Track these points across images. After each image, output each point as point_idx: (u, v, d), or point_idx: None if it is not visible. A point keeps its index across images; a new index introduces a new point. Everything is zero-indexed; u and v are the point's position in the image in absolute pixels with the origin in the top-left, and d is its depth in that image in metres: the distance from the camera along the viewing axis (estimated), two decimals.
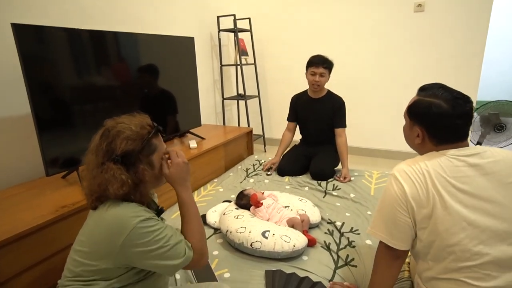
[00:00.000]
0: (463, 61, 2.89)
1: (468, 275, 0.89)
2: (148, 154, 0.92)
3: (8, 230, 1.23)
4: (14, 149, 1.78)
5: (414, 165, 0.98)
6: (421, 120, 1.03)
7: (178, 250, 0.88)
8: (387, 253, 1.04)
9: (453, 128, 0.98)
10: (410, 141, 1.12)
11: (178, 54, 2.41)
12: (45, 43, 1.54)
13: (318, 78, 2.27)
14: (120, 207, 0.87)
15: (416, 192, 0.95)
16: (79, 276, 0.89)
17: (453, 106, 0.96)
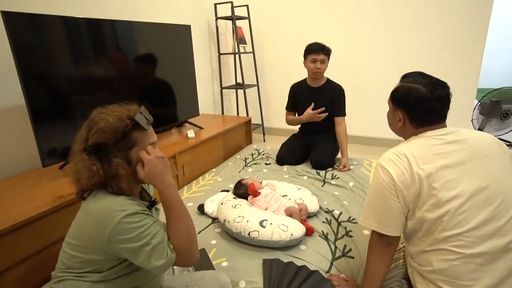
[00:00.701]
0: (464, 48, 2.84)
1: (454, 243, 0.93)
2: (125, 148, 0.88)
3: (4, 221, 1.23)
4: (10, 139, 1.76)
5: (397, 150, 1.05)
6: (402, 104, 1.11)
7: (159, 251, 0.84)
8: (379, 241, 1.08)
9: (430, 111, 1.05)
10: (393, 125, 1.20)
11: (174, 42, 2.37)
12: (38, 32, 1.51)
13: (320, 65, 2.23)
14: (107, 200, 0.85)
15: (402, 174, 1.00)
16: (71, 268, 0.88)
17: (431, 90, 1.04)
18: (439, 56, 2.94)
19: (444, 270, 0.95)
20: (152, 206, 0.99)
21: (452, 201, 0.94)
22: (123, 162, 0.88)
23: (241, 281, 1.21)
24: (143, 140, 0.90)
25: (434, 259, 0.97)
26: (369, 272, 1.13)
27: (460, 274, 0.92)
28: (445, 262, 0.94)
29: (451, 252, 0.93)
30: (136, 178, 0.91)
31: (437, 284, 0.97)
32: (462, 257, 0.92)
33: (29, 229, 1.28)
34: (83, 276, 0.88)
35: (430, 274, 0.99)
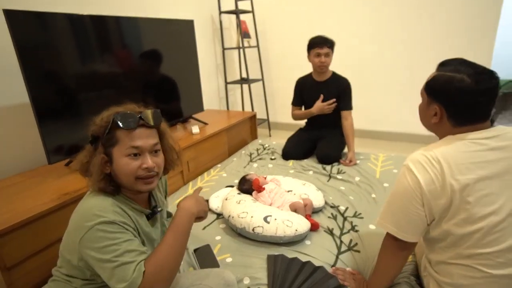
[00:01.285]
0: (474, 36, 2.76)
1: (481, 262, 0.85)
2: (108, 145, 0.86)
3: (12, 217, 1.25)
4: (16, 137, 1.78)
5: (429, 154, 0.91)
6: (441, 96, 0.94)
7: (124, 271, 0.77)
8: (394, 244, 1.00)
9: (475, 106, 0.89)
10: (426, 121, 1.03)
11: (177, 38, 2.36)
12: (40, 29, 1.51)
13: (324, 59, 2.20)
14: (94, 200, 0.84)
15: (432, 183, 0.89)
16: (62, 267, 0.89)
17: (476, 81, 0.86)
18: (447, 46, 2.87)
19: (466, 286, 0.88)
20: (153, 214, 0.98)
21: (486, 218, 0.84)
22: (105, 158, 0.86)
23: (245, 277, 1.21)
24: (124, 140, 0.86)
25: (455, 273, 0.90)
26: (379, 271, 1.10)
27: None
28: (468, 278, 0.88)
29: (476, 270, 0.86)
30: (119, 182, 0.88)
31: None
32: (488, 277, 0.85)
33: (36, 226, 1.30)
34: (68, 280, 0.88)
35: (448, 286, 0.93)
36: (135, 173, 0.86)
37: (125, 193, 0.91)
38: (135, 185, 0.88)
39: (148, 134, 0.89)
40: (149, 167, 0.87)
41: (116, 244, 0.78)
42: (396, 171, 2.05)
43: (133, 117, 0.86)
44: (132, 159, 0.86)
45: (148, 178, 0.88)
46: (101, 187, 0.85)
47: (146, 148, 0.88)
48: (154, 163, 0.89)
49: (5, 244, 1.20)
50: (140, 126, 0.87)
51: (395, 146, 3.17)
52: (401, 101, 3.18)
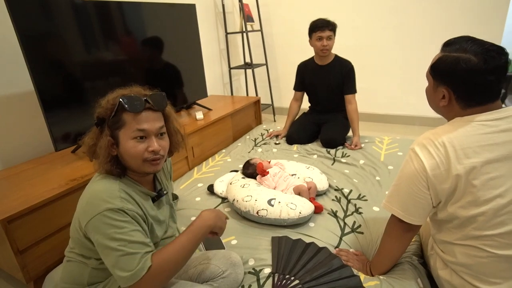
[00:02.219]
0: (483, 15, 2.67)
1: (486, 243, 0.86)
2: (114, 128, 0.87)
3: (22, 203, 1.28)
4: (23, 125, 1.81)
5: (436, 138, 0.90)
6: (447, 78, 0.90)
7: (129, 260, 0.78)
8: (399, 225, 1.01)
9: (484, 86, 0.85)
10: (434, 104, 1.00)
11: (179, 22, 2.33)
12: (42, 16, 1.51)
13: (326, 42, 2.16)
14: (102, 184, 0.85)
15: (437, 167, 0.88)
16: (75, 248, 0.91)
17: (484, 59, 0.83)
18: (456, 26, 2.79)
19: (470, 265, 0.90)
20: (159, 197, 1.00)
21: (492, 201, 0.83)
22: (111, 141, 0.87)
23: (250, 258, 1.23)
24: (131, 123, 0.86)
25: (461, 252, 0.91)
26: (383, 252, 1.11)
27: (488, 271, 0.87)
28: (472, 258, 0.89)
29: (481, 251, 0.87)
30: (126, 164, 0.89)
31: (461, 276, 0.92)
32: (493, 256, 0.86)
33: (46, 211, 1.33)
34: (84, 261, 0.90)
35: (453, 265, 0.95)
36: (142, 156, 0.87)
37: (131, 175, 0.93)
38: (141, 167, 0.89)
39: (154, 117, 0.89)
40: (155, 150, 0.88)
41: (122, 233, 0.80)
42: (401, 154, 2.04)
43: (139, 100, 0.87)
44: (138, 142, 0.87)
45: (154, 160, 0.89)
46: (107, 169, 0.87)
47: (152, 131, 0.88)
48: (160, 146, 0.90)
49: (17, 229, 1.24)
50: (146, 109, 0.88)
51: (401, 129, 3.14)
52: (407, 84, 3.13)
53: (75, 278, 0.93)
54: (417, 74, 3.04)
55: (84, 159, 1.71)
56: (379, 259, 1.13)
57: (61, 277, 0.97)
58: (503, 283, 0.86)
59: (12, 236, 1.22)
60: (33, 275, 1.31)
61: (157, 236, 0.97)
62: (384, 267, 1.12)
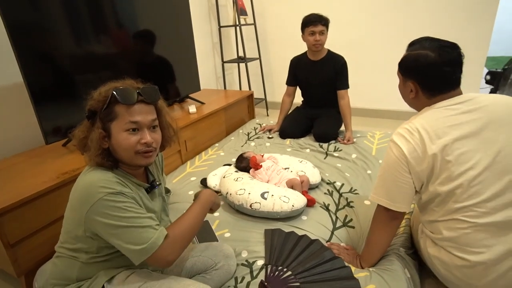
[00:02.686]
0: (474, 11, 2.71)
1: (466, 214, 0.93)
2: (106, 120, 0.87)
3: (13, 196, 1.26)
4: (12, 118, 1.77)
5: (410, 126, 1.02)
6: (412, 73, 1.06)
7: (142, 234, 0.80)
8: (385, 214, 1.08)
9: (442, 76, 1.00)
10: (405, 97, 1.14)
11: (172, 15, 2.30)
12: (29, 5, 1.47)
13: (319, 37, 2.16)
14: (95, 174, 0.85)
15: (414, 150, 0.98)
16: (66, 242, 0.91)
17: (439, 54, 0.98)
18: (446, 22, 2.82)
19: (455, 237, 0.96)
20: (152, 188, 1.00)
21: (464, 174, 0.92)
22: (103, 133, 0.87)
23: (243, 250, 1.24)
24: (123, 115, 0.86)
25: (445, 227, 0.98)
26: (371, 243, 1.15)
27: (471, 241, 0.93)
28: (456, 230, 0.95)
29: (463, 222, 0.94)
30: (118, 156, 0.89)
31: (448, 250, 0.99)
32: (473, 226, 0.92)
33: (37, 204, 1.32)
34: (75, 255, 0.90)
35: (441, 241, 1.01)
36: (134, 148, 0.87)
37: (123, 168, 0.92)
38: (134, 159, 0.89)
39: (147, 110, 0.89)
40: (148, 142, 0.88)
41: (128, 211, 0.81)
42: None
43: (132, 92, 0.87)
44: (131, 134, 0.87)
45: (147, 152, 0.89)
46: (99, 161, 0.86)
47: (145, 123, 0.88)
48: (152, 138, 0.90)
49: (8, 222, 1.23)
50: (139, 101, 0.88)
51: (393, 124, 3.18)
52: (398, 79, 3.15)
53: (65, 273, 0.92)
54: None
55: (75, 153, 1.69)
56: (368, 249, 1.17)
57: (50, 272, 0.96)
58: (486, 252, 0.92)
59: (3, 230, 1.20)
60: (24, 269, 1.30)
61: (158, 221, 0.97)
62: (373, 257, 1.16)
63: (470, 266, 0.94)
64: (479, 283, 0.94)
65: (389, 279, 1.06)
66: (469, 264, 0.94)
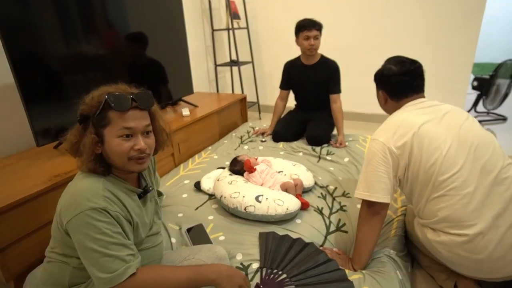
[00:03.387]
0: (460, 19, 2.79)
1: (449, 187, 1.04)
2: (99, 126, 0.85)
3: (3, 199, 1.23)
4: (3, 119, 1.74)
5: (385, 123, 1.21)
6: (380, 84, 1.31)
7: (109, 263, 0.78)
8: (367, 211, 1.18)
9: (402, 84, 1.24)
10: (380, 104, 1.37)
11: (165, 18, 2.30)
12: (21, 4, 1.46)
13: (313, 42, 2.19)
14: (85, 182, 0.83)
15: (391, 137, 1.13)
16: (56, 247, 0.90)
17: (399, 67, 1.24)
18: (435, 29, 2.89)
19: (448, 216, 1.04)
20: (145, 194, 0.98)
21: (438, 149, 1.07)
22: (96, 139, 0.86)
23: (238, 253, 1.25)
24: (117, 121, 0.84)
25: (437, 208, 1.06)
26: (358, 242, 1.20)
27: (463, 215, 1.02)
28: (447, 208, 1.04)
29: (450, 197, 1.03)
30: (111, 162, 0.88)
31: (446, 231, 1.06)
32: (460, 199, 1.02)
33: (28, 207, 1.30)
34: (66, 260, 0.89)
35: (437, 224, 1.09)
36: (128, 154, 0.86)
37: (116, 173, 0.91)
38: (127, 165, 0.88)
39: (140, 116, 0.88)
40: (141, 148, 0.87)
41: (103, 233, 0.79)
42: None
43: (126, 98, 0.85)
44: (124, 140, 0.86)
45: (140, 159, 0.88)
46: (91, 167, 0.85)
47: (139, 129, 0.87)
48: (146, 144, 0.89)
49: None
50: (133, 107, 0.87)
51: None
52: None
53: (56, 278, 0.91)
54: None
55: (67, 155, 1.67)
56: (356, 250, 1.21)
57: (41, 278, 0.95)
58: (479, 221, 1.00)
59: None
60: (14, 274, 1.27)
61: (141, 235, 0.96)
62: (362, 257, 1.19)
63: (469, 240, 1.01)
64: (482, 255, 1.00)
65: (382, 280, 1.07)
66: (468, 238, 1.01)
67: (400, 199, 1.61)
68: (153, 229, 1.03)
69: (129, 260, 0.81)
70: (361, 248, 1.19)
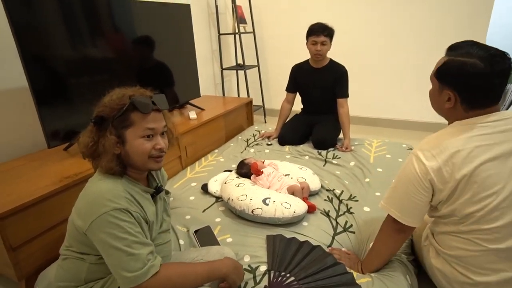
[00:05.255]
0: (467, 21, 2.79)
1: (480, 236, 0.92)
2: (121, 127, 0.88)
3: (16, 200, 1.26)
4: (15, 121, 1.77)
5: (439, 143, 0.95)
6: (454, 82, 0.94)
7: (133, 262, 0.81)
8: (393, 226, 1.06)
9: (489, 89, 0.90)
10: (438, 106, 1.03)
11: (174, 22, 2.34)
12: (37, 11, 1.49)
13: (320, 47, 2.21)
14: (105, 184, 0.86)
15: (439, 169, 0.93)
16: (72, 246, 0.92)
17: (490, 64, 0.86)
18: (441, 30, 2.89)
19: (462, 257, 0.96)
20: (158, 192, 1.01)
21: (489, 198, 0.89)
22: (116, 140, 0.88)
23: (245, 255, 1.25)
24: (140, 122, 0.89)
25: (454, 246, 0.97)
26: (375, 251, 1.16)
27: (478, 263, 0.93)
28: (465, 251, 0.94)
29: (474, 244, 0.93)
30: (131, 162, 0.91)
31: (452, 265, 0.99)
32: (484, 250, 0.91)
33: (39, 208, 1.32)
34: (82, 256, 0.91)
35: (446, 255, 1.01)
36: (149, 153, 0.91)
37: (130, 173, 0.94)
38: (147, 164, 0.92)
39: (159, 117, 0.93)
40: (162, 147, 0.92)
41: (127, 233, 0.82)
42: (389, 156, 2.11)
43: (149, 101, 0.90)
44: (146, 140, 0.90)
45: (159, 157, 0.93)
46: (110, 167, 0.88)
47: (159, 130, 0.93)
48: (164, 143, 0.94)
49: (10, 225, 1.22)
50: (153, 109, 0.91)
51: (389, 132, 3.23)
52: (396, 88, 3.22)
53: (73, 275, 0.93)
54: (406, 79, 3.14)
55: (77, 157, 1.69)
56: (371, 257, 1.18)
57: (56, 275, 0.97)
58: (492, 274, 0.92)
59: (5, 233, 1.20)
60: (25, 273, 1.29)
61: (154, 233, 0.98)
62: (373, 265, 1.17)
63: (472, 284, 0.94)
64: None
65: (391, 285, 1.07)
66: (471, 282, 0.94)
67: None
68: (163, 227, 1.06)
69: (151, 259, 0.85)
70: (374, 257, 1.16)
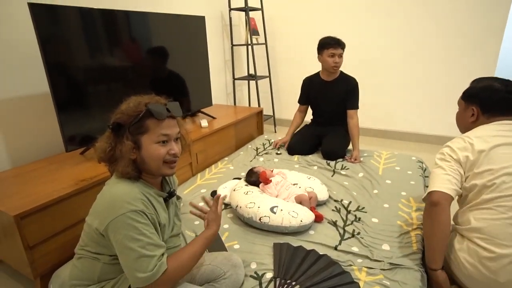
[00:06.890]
0: (479, 38, 2.79)
1: (501, 204, 1.04)
2: (137, 133, 0.92)
3: (34, 200, 1.33)
4: (34, 126, 1.86)
5: (461, 136, 1.24)
6: (477, 98, 1.26)
7: (146, 262, 0.85)
8: (428, 204, 1.17)
9: (505, 101, 1.21)
10: (463, 123, 1.33)
11: (189, 33, 2.42)
12: (61, 22, 1.58)
13: (338, 59, 2.25)
14: (123, 187, 0.90)
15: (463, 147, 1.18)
16: (88, 245, 0.95)
17: (506, 85, 1.22)
18: (454, 46, 2.90)
19: (483, 228, 1.04)
20: (171, 197, 1.05)
21: (506, 168, 1.07)
22: (132, 145, 0.92)
23: (252, 262, 1.28)
24: (155, 129, 0.93)
25: (475, 216, 1.07)
26: (425, 238, 1.21)
27: (500, 233, 1.00)
28: (485, 221, 1.04)
29: (495, 212, 1.03)
30: (145, 167, 0.95)
31: (474, 241, 1.05)
32: (506, 218, 1.00)
33: (56, 209, 1.38)
34: (97, 256, 0.95)
35: (468, 232, 1.08)
36: (163, 158, 0.95)
37: (145, 178, 0.98)
38: (161, 169, 0.96)
39: (174, 124, 0.98)
40: (176, 152, 0.97)
41: (142, 234, 0.86)
42: (398, 169, 2.10)
43: (164, 108, 0.95)
44: (161, 146, 0.94)
45: (173, 162, 0.98)
46: (127, 172, 0.92)
47: (173, 136, 0.97)
48: (178, 149, 0.98)
49: (28, 225, 1.28)
50: (168, 116, 0.96)
51: (399, 145, 3.22)
52: (406, 101, 3.22)
53: (86, 274, 0.97)
54: (416, 92, 3.14)
55: (92, 161, 1.76)
56: (426, 248, 1.20)
57: (70, 274, 1.01)
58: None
59: (23, 232, 1.26)
60: (40, 271, 1.34)
61: (165, 236, 1.02)
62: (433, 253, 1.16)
63: (495, 258, 0.99)
64: (503, 279, 0.98)
65: None
66: (494, 255, 0.99)
67: (415, 215, 1.60)
68: (174, 231, 1.09)
69: (161, 258, 0.89)
70: (427, 243, 1.18)
